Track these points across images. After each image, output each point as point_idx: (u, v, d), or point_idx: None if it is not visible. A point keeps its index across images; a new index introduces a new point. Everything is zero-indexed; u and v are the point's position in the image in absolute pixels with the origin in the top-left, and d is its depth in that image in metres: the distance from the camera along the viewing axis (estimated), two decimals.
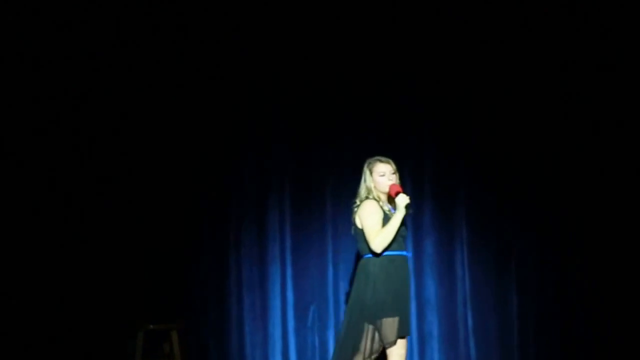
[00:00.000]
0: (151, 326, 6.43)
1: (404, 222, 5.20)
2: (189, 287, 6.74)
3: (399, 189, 5.22)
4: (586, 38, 6.82)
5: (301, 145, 6.91)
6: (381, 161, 5.33)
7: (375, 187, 5.30)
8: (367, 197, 5.28)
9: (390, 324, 5.11)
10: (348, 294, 6.49)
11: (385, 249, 5.15)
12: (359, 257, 5.31)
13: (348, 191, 6.79)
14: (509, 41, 6.88)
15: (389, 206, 5.30)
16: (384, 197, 5.30)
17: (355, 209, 5.29)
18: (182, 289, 6.71)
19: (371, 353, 5.15)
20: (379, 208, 5.24)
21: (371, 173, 5.32)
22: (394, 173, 5.32)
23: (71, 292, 6.49)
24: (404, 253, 5.26)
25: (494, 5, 6.84)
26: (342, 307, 6.64)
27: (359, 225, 5.25)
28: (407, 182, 6.62)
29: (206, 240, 6.83)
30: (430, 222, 6.87)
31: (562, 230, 6.86)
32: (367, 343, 5.13)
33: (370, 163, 5.35)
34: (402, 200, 5.17)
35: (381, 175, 5.29)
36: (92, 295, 6.50)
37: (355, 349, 5.14)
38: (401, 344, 5.14)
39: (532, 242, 6.85)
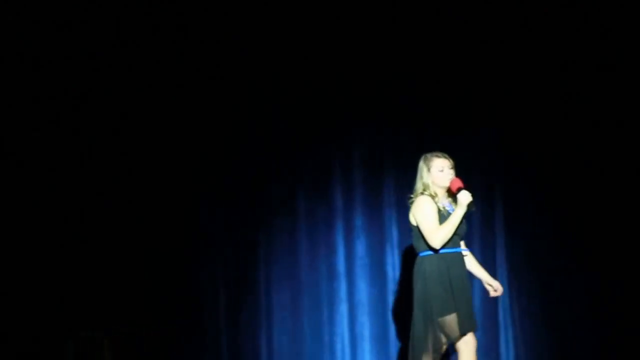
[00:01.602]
0: (82, 334, 6.39)
1: (463, 219, 5.14)
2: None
3: (461, 184, 5.12)
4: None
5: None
6: (439, 157, 5.23)
7: (433, 182, 5.20)
8: (422, 193, 5.20)
9: (449, 321, 5.08)
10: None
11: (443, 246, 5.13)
12: (413, 254, 5.26)
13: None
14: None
15: (445, 202, 5.23)
16: (440, 193, 5.21)
17: (410, 205, 5.24)
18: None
19: (436, 350, 5.10)
20: (434, 204, 5.16)
21: (429, 169, 5.21)
22: (451, 168, 5.23)
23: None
24: (459, 250, 5.21)
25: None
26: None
27: (413, 222, 5.20)
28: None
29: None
30: (361, 224, 6.88)
31: (507, 232, 6.90)
32: (430, 341, 5.09)
33: (427, 159, 5.24)
34: (465, 197, 5.07)
35: (440, 171, 5.20)
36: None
37: (422, 348, 5.12)
38: (468, 339, 5.12)
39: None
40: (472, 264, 5.41)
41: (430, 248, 5.11)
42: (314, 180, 6.88)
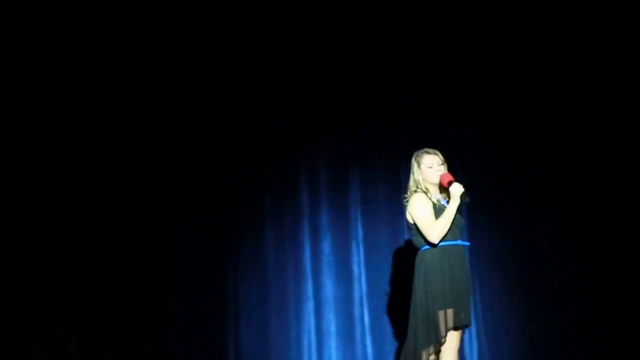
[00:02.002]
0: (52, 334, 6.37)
1: (459, 211, 5.16)
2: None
3: (451, 177, 5.16)
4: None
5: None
6: (428, 153, 5.29)
7: (423, 179, 5.26)
8: (415, 191, 5.26)
9: (447, 315, 5.10)
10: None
11: (441, 240, 5.15)
12: (413, 250, 5.28)
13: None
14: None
15: (439, 197, 5.26)
16: (432, 189, 5.26)
17: (406, 204, 5.27)
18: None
19: (437, 343, 5.12)
20: (427, 199, 5.21)
21: (419, 165, 5.28)
22: (441, 164, 5.27)
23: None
24: (459, 242, 5.22)
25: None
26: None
27: (410, 220, 5.23)
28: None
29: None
30: (326, 222, 6.90)
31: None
32: (431, 335, 5.12)
33: (417, 155, 5.30)
34: (456, 189, 5.12)
35: (429, 167, 5.25)
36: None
37: (422, 344, 5.14)
38: (454, 335, 5.13)
39: None
40: None
41: (429, 243, 5.14)
42: (281, 180, 6.89)
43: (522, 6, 6.82)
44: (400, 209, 5.41)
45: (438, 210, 5.17)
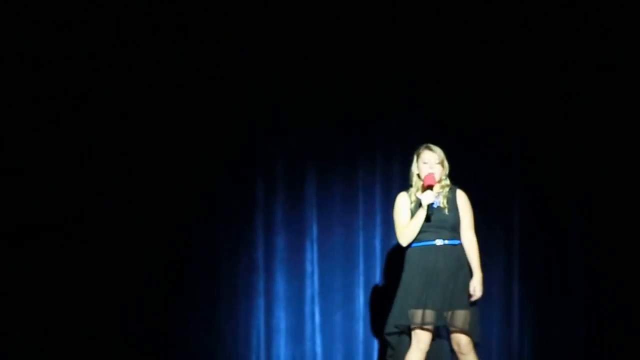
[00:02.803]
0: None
1: (428, 218, 5.20)
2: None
3: (432, 182, 5.20)
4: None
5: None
6: (428, 148, 5.32)
7: (418, 173, 5.33)
8: (411, 185, 5.35)
9: (412, 315, 5.16)
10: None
11: (414, 241, 5.23)
12: None
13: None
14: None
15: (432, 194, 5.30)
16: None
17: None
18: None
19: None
20: (406, 200, 5.28)
21: (417, 159, 5.33)
22: (438, 163, 5.29)
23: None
24: (431, 243, 5.25)
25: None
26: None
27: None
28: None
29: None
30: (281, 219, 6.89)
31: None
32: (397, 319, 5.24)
33: (418, 149, 5.35)
34: (425, 197, 5.17)
35: (424, 163, 5.29)
36: None
37: (400, 341, 5.28)
38: (422, 336, 5.17)
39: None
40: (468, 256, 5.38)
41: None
42: (235, 175, 6.85)
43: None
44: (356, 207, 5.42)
45: (429, 210, 5.22)
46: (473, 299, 5.27)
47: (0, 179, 6.48)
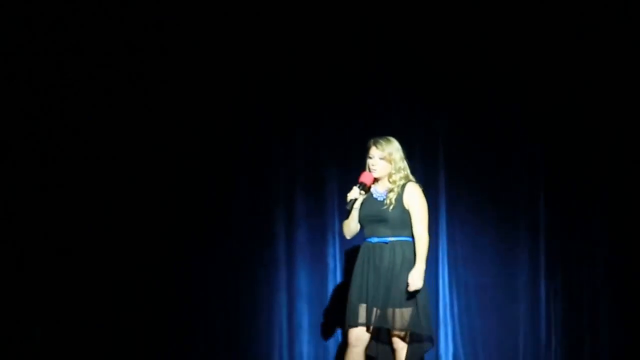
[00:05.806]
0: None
1: (399, 205, 5.22)
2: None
3: (365, 180, 5.27)
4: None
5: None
6: (375, 143, 5.31)
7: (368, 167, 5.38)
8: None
9: (360, 310, 5.19)
10: None
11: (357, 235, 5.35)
12: None
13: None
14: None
15: (377, 190, 5.33)
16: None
17: None
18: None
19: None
20: (356, 194, 5.27)
21: (367, 153, 5.36)
22: (382, 158, 5.27)
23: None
24: (369, 240, 5.27)
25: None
26: None
27: None
28: None
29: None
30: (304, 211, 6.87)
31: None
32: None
33: (368, 142, 5.36)
34: (351, 193, 5.26)
35: (369, 158, 5.32)
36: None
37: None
38: (361, 335, 5.21)
39: None
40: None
41: None
42: (256, 169, 6.86)
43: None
44: None
45: (372, 203, 5.26)
46: (410, 288, 5.14)
47: (7, 182, 6.50)
